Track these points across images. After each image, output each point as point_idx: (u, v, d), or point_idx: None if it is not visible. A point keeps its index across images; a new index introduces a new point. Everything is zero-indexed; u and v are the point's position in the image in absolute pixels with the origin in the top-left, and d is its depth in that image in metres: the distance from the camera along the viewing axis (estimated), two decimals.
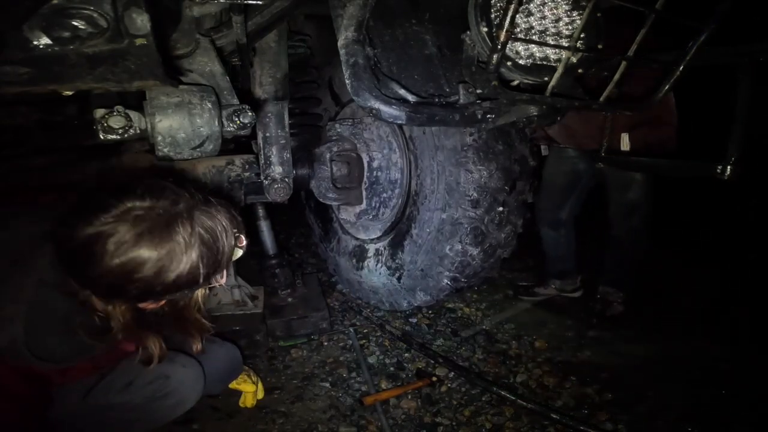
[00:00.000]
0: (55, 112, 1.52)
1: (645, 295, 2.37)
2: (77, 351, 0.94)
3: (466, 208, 1.62)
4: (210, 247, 0.85)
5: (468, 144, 1.57)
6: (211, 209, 0.88)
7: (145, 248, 0.78)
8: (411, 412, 1.53)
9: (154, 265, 0.79)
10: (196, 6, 1.19)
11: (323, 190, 1.86)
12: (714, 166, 1.20)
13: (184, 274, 0.82)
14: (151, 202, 0.81)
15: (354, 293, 2.30)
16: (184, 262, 0.81)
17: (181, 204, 0.84)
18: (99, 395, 1.08)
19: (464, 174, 1.60)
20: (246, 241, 0.99)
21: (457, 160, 1.60)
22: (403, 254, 1.87)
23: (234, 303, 1.93)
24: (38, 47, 0.83)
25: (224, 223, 0.88)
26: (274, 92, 1.58)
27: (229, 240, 0.89)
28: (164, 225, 0.80)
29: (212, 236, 0.85)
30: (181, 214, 0.82)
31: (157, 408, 1.14)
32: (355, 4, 1.14)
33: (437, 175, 1.69)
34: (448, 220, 1.67)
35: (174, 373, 1.15)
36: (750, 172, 1.21)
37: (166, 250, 0.80)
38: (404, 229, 1.87)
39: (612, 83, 1.12)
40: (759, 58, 1.11)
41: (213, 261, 0.86)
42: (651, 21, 1.02)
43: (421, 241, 1.79)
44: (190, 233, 0.82)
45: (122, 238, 0.77)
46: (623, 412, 1.55)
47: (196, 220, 0.84)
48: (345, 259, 2.23)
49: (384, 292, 2.04)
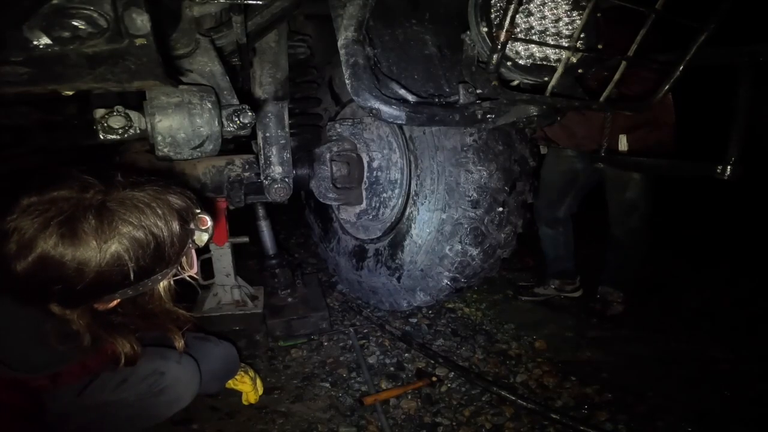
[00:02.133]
0: (55, 112, 1.52)
1: (645, 294, 2.37)
2: (58, 359, 0.91)
3: (466, 208, 1.62)
4: (135, 238, 0.78)
5: (468, 144, 1.57)
6: (139, 194, 0.81)
7: (49, 244, 0.73)
8: (411, 412, 1.53)
9: (65, 261, 0.74)
10: (196, 6, 1.19)
11: (323, 190, 1.86)
12: (714, 166, 1.20)
13: (106, 270, 0.77)
14: (51, 194, 0.76)
15: (354, 293, 2.30)
16: (99, 257, 0.76)
17: (89, 193, 0.78)
18: (94, 393, 1.07)
19: (464, 174, 1.60)
20: (210, 222, 0.92)
21: (457, 161, 1.60)
22: (403, 254, 1.87)
23: (234, 303, 1.93)
24: (38, 47, 0.83)
25: (159, 209, 0.81)
26: (274, 92, 1.58)
27: (169, 226, 0.82)
28: (67, 218, 0.74)
29: (137, 225, 0.78)
30: (87, 204, 0.76)
31: (153, 404, 1.13)
32: (355, 4, 1.14)
33: (437, 176, 1.69)
34: (448, 221, 1.67)
35: (168, 369, 1.14)
36: (750, 172, 1.21)
37: (74, 244, 0.74)
38: (404, 230, 1.87)
39: (612, 83, 1.12)
40: (759, 58, 1.11)
41: (147, 253, 0.80)
42: (651, 21, 1.02)
43: (421, 242, 1.78)
44: (102, 224, 0.76)
45: (24, 236, 0.73)
46: (623, 412, 1.54)
47: (111, 209, 0.77)
48: (345, 259, 2.23)
49: (384, 292, 2.04)
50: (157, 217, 0.81)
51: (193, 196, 0.90)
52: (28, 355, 0.88)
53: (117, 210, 0.78)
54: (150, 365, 1.12)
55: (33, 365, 0.88)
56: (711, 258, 2.92)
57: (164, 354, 1.15)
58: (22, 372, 0.86)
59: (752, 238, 3.16)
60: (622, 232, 2.15)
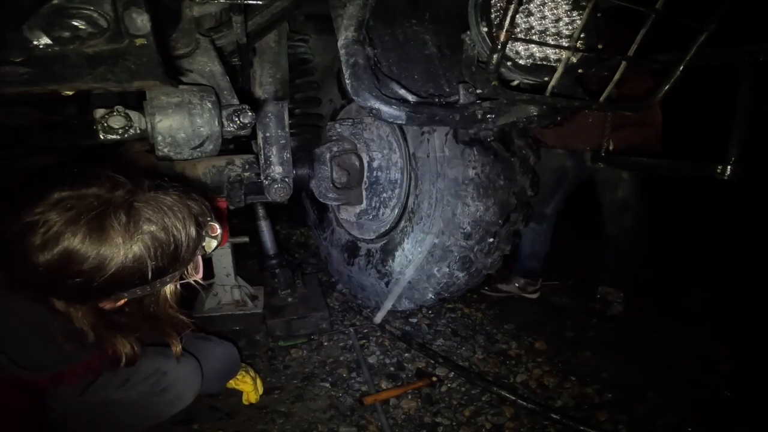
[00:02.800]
0: (55, 112, 1.52)
1: (645, 294, 2.37)
2: (64, 357, 0.92)
3: (458, 238, 1.66)
4: (157, 238, 0.80)
5: (470, 178, 1.57)
6: (159, 197, 0.82)
7: (77, 239, 0.74)
8: (411, 412, 1.53)
9: (89, 257, 0.75)
10: (196, 6, 1.19)
11: (323, 190, 1.86)
12: (714, 166, 1.20)
13: (126, 268, 0.78)
14: (82, 191, 0.77)
15: (342, 283, 2.35)
16: (123, 254, 0.77)
17: (119, 192, 0.79)
18: (96, 392, 1.08)
19: (461, 206, 1.61)
20: (220, 230, 0.94)
21: (457, 192, 1.61)
22: (393, 264, 1.92)
23: (234, 303, 1.93)
24: (38, 47, 0.83)
25: (180, 212, 0.83)
26: (274, 92, 1.58)
27: (188, 230, 0.84)
28: (97, 214, 0.75)
29: (159, 226, 0.80)
30: (117, 202, 0.77)
31: (155, 404, 1.14)
32: (355, 4, 1.14)
33: (435, 202, 1.70)
34: (440, 245, 1.70)
35: (170, 368, 1.15)
36: (750, 172, 1.21)
37: (101, 241, 0.75)
38: (397, 240, 1.90)
39: (612, 83, 1.12)
40: (759, 58, 1.11)
41: (166, 253, 0.81)
42: (651, 21, 1.02)
43: (412, 257, 1.82)
44: (129, 222, 0.77)
45: (51, 229, 0.73)
46: (623, 412, 1.55)
47: (139, 209, 0.79)
48: (337, 251, 2.26)
49: (371, 292, 2.09)
50: (178, 220, 0.82)
51: (207, 204, 0.92)
52: (35, 353, 0.88)
53: (144, 210, 0.80)
54: (152, 365, 1.12)
55: (39, 363, 0.88)
56: (711, 258, 2.92)
57: (166, 353, 1.16)
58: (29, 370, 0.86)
59: (752, 238, 3.16)
60: (617, 231, 2.16)
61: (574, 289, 2.35)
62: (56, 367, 0.93)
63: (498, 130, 1.57)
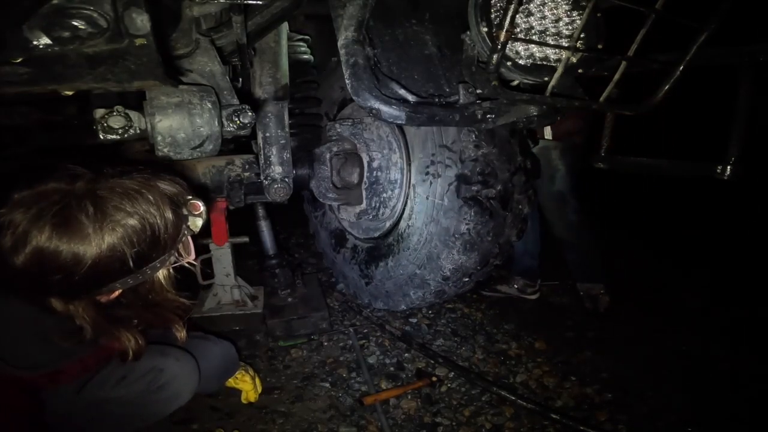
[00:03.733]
0: (55, 112, 1.52)
1: (645, 294, 2.37)
2: (59, 356, 0.92)
3: (437, 277, 1.75)
4: (129, 225, 0.79)
5: (461, 233, 1.62)
6: (129, 182, 0.81)
7: (44, 236, 0.74)
8: (411, 412, 1.53)
9: (61, 251, 0.75)
10: (196, 6, 1.19)
11: (323, 190, 1.86)
12: (714, 166, 1.20)
13: (104, 258, 0.77)
14: (41, 187, 0.76)
15: (326, 262, 2.45)
16: (95, 245, 0.76)
17: (79, 183, 0.78)
18: (94, 390, 1.08)
19: (446, 253, 1.67)
20: (203, 207, 0.93)
21: (446, 241, 1.66)
22: (376, 270, 1.99)
23: (234, 303, 1.93)
24: (38, 47, 0.83)
25: (150, 195, 0.82)
26: (274, 92, 1.58)
27: (162, 212, 0.83)
28: (60, 209, 0.75)
29: (131, 212, 0.79)
30: (79, 194, 0.77)
31: (153, 401, 1.14)
32: (355, 4, 1.14)
33: (424, 241, 1.75)
34: (420, 276, 1.79)
35: (167, 365, 1.14)
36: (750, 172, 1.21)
37: (69, 235, 0.75)
38: (383, 251, 1.96)
39: (612, 83, 1.12)
40: (759, 58, 1.11)
41: (143, 239, 0.81)
42: (651, 21, 1.02)
43: (393, 274, 1.90)
44: (96, 213, 0.76)
45: (17, 229, 0.73)
46: (623, 412, 1.55)
47: (104, 197, 0.78)
48: (325, 234, 2.33)
49: (351, 283, 2.20)
50: (148, 203, 0.82)
51: (183, 183, 0.91)
52: (29, 352, 0.88)
53: (108, 198, 0.79)
54: (149, 362, 1.12)
55: (34, 362, 0.88)
56: (710, 258, 2.92)
57: (163, 351, 1.16)
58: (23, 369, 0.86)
59: (752, 237, 3.16)
60: (561, 228, 2.17)
61: (573, 289, 2.35)
62: (51, 365, 0.93)
63: (502, 189, 1.61)
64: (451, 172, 1.61)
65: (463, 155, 1.58)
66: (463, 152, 1.57)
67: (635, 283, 2.32)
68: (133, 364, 1.06)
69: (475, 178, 1.58)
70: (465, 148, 1.57)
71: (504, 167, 1.61)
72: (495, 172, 1.60)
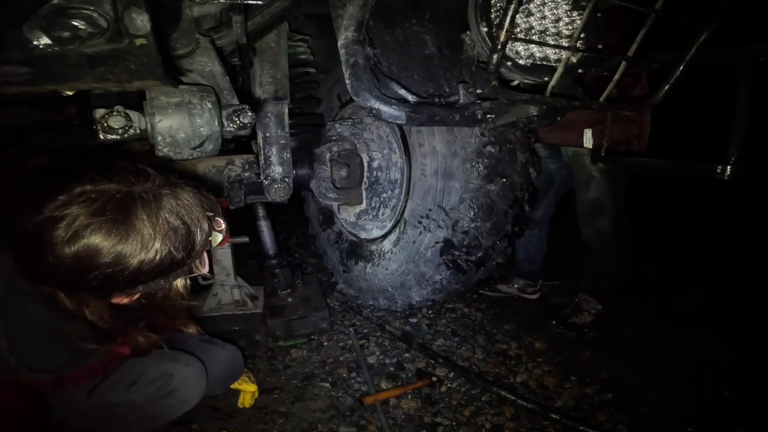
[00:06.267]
0: (55, 112, 1.52)
1: (645, 294, 2.37)
2: (75, 358, 0.92)
3: (405, 302, 1.94)
4: (176, 231, 0.80)
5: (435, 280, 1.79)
6: (177, 191, 0.83)
7: (100, 232, 0.73)
8: (411, 412, 1.53)
9: (112, 250, 0.74)
10: (196, 6, 1.19)
11: (323, 190, 1.86)
12: (714, 166, 1.20)
13: (149, 260, 0.77)
14: (104, 184, 0.76)
15: (310, 229, 2.56)
16: (146, 246, 0.77)
17: (139, 185, 0.79)
18: (103, 394, 1.08)
19: (417, 290, 1.86)
20: (224, 225, 0.94)
21: (419, 281, 1.83)
22: (354, 266, 2.11)
23: (234, 303, 1.93)
24: (38, 47, 0.82)
25: (194, 206, 0.83)
26: (274, 92, 1.58)
27: (201, 224, 0.84)
28: (120, 207, 0.75)
29: (179, 219, 0.80)
30: (138, 195, 0.77)
31: (161, 406, 1.15)
32: (355, 4, 1.14)
33: (401, 272, 1.88)
34: (391, 294, 1.96)
35: (177, 371, 1.15)
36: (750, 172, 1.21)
37: (124, 234, 0.75)
38: (365, 255, 2.05)
39: (612, 83, 1.12)
40: (759, 58, 1.11)
41: (183, 246, 0.81)
42: (651, 21, 1.02)
43: (369, 279, 2.04)
44: (151, 216, 0.77)
45: (74, 222, 0.73)
46: (623, 412, 1.55)
47: (159, 202, 0.79)
48: (316, 210, 2.42)
49: (332, 263, 2.35)
50: (196, 214, 0.83)
51: (215, 200, 0.93)
52: (47, 353, 0.88)
53: (166, 203, 0.80)
54: (159, 368, 1.13)
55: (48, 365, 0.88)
56: (710, 258, 2.92)
57: (174, 356, 1.17)
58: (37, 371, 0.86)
59: (752, 237, 3.16)
60: (591, 235, 2.02)
61: (574, 289, 2.35)
62: (64, 368, 0.93)
63: (483, 255, 1.72)
64: (441, 233, 1.69)
65: (457, 225, 1.66)
66: (458, 222, 1.65)
67: (635, 282, 2.31)
68: (143, 370, 1.06)
69: (461, 248, 1.69)
70: (461, 218, 1.65)
71: (491, 238, 1.70)
72: (480, 243, 1.69)
